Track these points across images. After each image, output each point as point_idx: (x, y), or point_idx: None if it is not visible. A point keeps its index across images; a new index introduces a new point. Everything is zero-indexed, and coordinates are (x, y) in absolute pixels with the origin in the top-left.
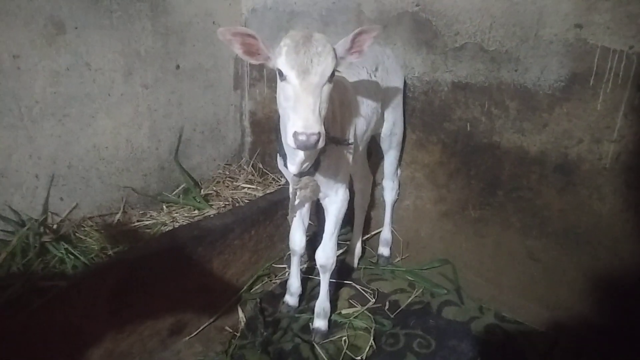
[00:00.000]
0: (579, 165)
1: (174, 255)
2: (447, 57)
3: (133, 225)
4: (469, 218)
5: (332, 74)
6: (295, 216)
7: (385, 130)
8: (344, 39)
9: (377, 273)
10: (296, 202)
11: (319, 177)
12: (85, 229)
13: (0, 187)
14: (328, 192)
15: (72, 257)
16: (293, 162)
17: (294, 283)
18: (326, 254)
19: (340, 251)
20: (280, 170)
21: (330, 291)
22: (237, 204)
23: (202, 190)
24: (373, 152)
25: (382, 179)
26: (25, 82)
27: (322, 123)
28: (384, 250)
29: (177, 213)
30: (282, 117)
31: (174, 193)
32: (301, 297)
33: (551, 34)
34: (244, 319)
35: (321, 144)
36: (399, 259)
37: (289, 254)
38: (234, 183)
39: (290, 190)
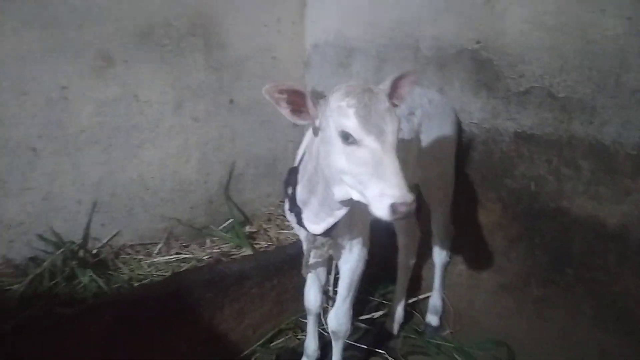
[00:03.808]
0: None
1: (178, 300)
2: (509, 102)
3: (170, 257)
4: (531, 295)
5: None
6: (310, 272)
7: (426, 182)
8: (383, 83)
9: (420, 345)
10: (311, 262)
11: (333, 235)
12: (124, 256)
13: (43, 209)
14: (341, 250)
15: (95, 284)
16: (319, 222)
17: (311, 345)
18: (338, 320)
19: (381, 312)
20: None
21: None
22: (279, 245)
23: (249, 227)
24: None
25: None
26: (71, 111)
27: None
28: (432, 319)
29: (218, 249)
30: (332, 179)
31: (221, 227)
32: None
33: (636, 81)
34: None
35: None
36: (448, 331)
37: None
38: (285, 222)
39: (304, 247)
